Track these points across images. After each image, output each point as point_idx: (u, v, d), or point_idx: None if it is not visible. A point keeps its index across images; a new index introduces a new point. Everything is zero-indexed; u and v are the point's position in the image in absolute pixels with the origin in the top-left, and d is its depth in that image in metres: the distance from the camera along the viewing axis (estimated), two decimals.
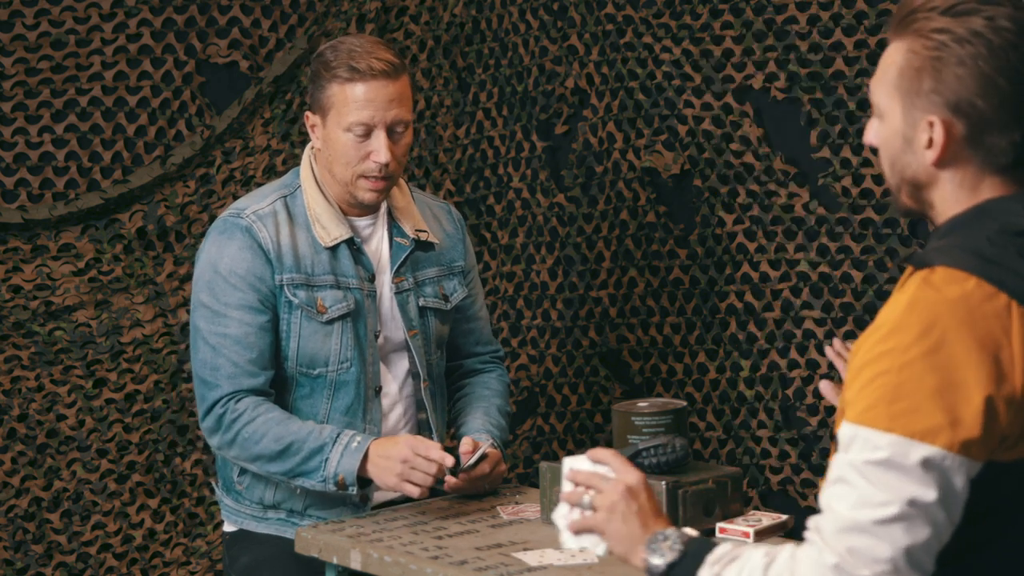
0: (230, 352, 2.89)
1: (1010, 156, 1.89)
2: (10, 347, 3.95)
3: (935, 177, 1.91)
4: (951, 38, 1.86)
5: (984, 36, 1.85)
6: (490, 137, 4.11)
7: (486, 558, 2.52)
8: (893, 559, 1.76)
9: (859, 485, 1.78)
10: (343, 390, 2.96)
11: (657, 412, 2.66)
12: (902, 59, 1.91)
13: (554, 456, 4.01)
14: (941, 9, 1.88)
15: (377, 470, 2.80)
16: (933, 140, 1.89)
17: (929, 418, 1.76)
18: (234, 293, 2.90)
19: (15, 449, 3.96)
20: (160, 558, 4.03)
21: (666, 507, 2.51)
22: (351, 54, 2.91)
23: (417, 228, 3.06)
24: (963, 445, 1.75)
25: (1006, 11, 1.86)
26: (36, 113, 4.00)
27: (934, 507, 1.76)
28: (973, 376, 1.77)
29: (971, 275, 1.81)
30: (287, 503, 2.98)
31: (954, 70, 1.86)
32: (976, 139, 1.88)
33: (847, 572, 1.77)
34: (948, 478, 1.76)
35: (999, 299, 1.80)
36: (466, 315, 3.21)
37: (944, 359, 1.77)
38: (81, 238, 3.98)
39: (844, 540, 1.78)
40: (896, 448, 1.76)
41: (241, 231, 2.93)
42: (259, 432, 2.87)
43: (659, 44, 3.80)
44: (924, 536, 1.76)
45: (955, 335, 1.78)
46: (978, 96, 1.86)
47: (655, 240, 3.85)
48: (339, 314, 2.94)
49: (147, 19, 4.04)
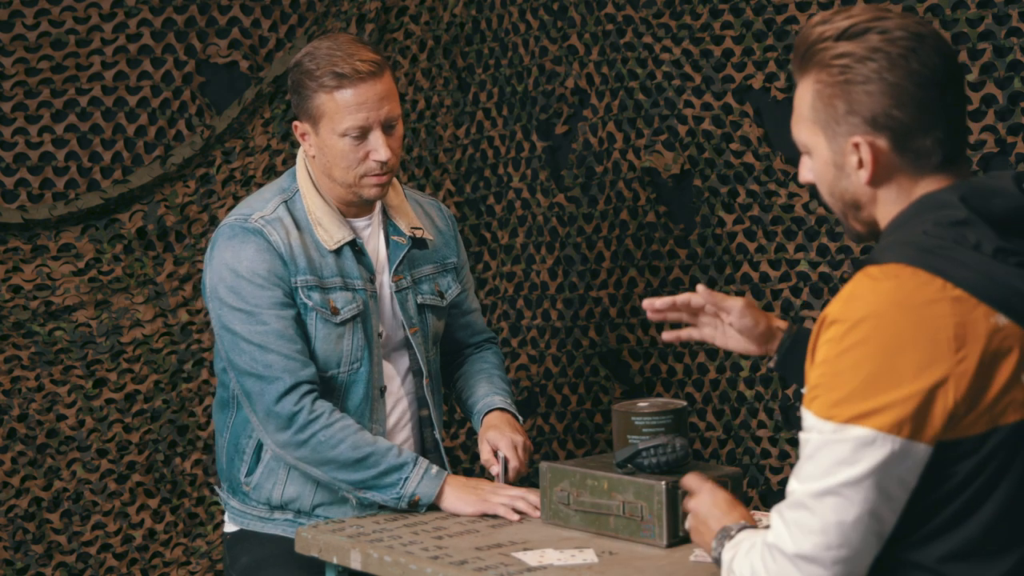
0: (278, 346, 2.88)
1: (939, 154, 1.95)
2: (10, 347, 3.95)
3: (873, 195, 1.99)
4: (853, 59, 1.93)
5: (882, 50, 1.93)
6: (490, 137, 4.10)
7: (486, 558, 2.52)
8: (824, 531, 1.87)
9: (804, 465, 1.90)
10: (352, 391, 2.96)
11: (657, 412, 2.66)
12: (812, 93, 1.98)
13: (554, 456, 4.01)
14: (835, 36, 1.95)
15: (456, 493, 2.86)
16: (862, 160, 1.96)
17: (861, 404, 1.84)
18: (262, 293, 2.89)
19: (15, 449, 3.96)
20: (160, 558, 4.03)
21: (665, 507, 2.51)
22: (332, 60, 2.88)
23: (412, 226, 3.06)
24: (897, 425, 1.84)
25: (896, 22, 1.94)
26: (36, 113, 4.00)
27: (867, 485, 1.84)
28: (907, 360, 1.84)
29: (908, 265, 1.88)
30: (295, 503, 2.98)
31: (863, 88, 1.93)
32: (902, 147, 1.95)
33: (783, 547, 1.91)
34: (884, 458, 1.84)
35: (935, 283, 1.87)
36: (461, 309, 3.22)
37: (878, 346, 1.85)
38: (81, 238, 3.98)
39: (787, 514, 1.92)
40: (835, 433, 1.86)
41: (254, 234, 2.92)
42: (336, 438, 2.86)
43: (659, 44, 3.80)
44: (854, 514, 1.86)
45: (889, 322, 1.85)
46: (893, 107, 1.93)
47: (655, 240, 3.85)
48: (350, 315, 2.94)
49: (147, 19, 4.04)
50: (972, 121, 3.34)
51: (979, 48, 3.32)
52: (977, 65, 3.32)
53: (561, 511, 2.67)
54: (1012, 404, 1.87)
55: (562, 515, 2.67)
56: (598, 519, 2.61)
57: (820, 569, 1.89)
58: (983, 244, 1.88)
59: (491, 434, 3.00)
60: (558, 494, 2.67)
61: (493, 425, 3.03)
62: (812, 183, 2.05)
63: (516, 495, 2.81)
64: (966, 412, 1.85)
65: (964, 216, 1.90)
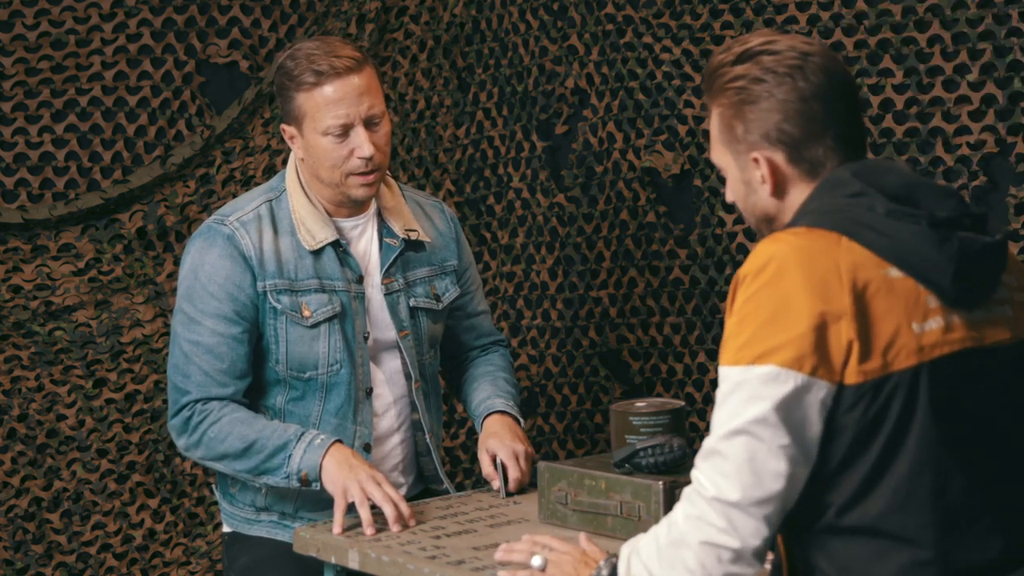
0: (201, 360, 2.90)
1: (833, 160, 2.09)
2: (10, 347, 3.95)
3: (779, 206, 2.12)
4: (747, 81, 2.09)
5: (771, 69, 2.08)
6: (490, 137, 4.10)
7: (483, 558, 2.52)
8: (738, 472, 1.95)
9: (716, 414, 2.00)
10: (334, 392, 2.96)
11: (655, 412, 2.66)
12: (717, 117, 2.14)
13: (554, 456, 4.01)
14: (731, 61, 2.11)
15: (334, 465, 2.79)
16: (763, 174, 2.10)
17: (763, 343, 1.95)
18: (211, 301, 2.90)
19: (15, 449, 3.96)
20: (160, 558, 4.03)
21: (663, 507, 2.51)
22: (311, 58, 2.88)
23: (407, 227, 3.04)
24: (798, 360, 1.94)
25: (786, 43, 2.10)
26: (36, 113, 4.00)
27: (774, 421, 1.94)
28: (803, 299, 1.95)
29: (808, 227, 2.02)
30: (278, 506, 2.98)
31: (756, 107, 2.08)
32: (796, 158, 2.09)
33: (701, 492, 1.99)
34: (788, 393, 1.94)
35: (831, 236, 2.00)
36: (466, 312, 3.20)
37: (776, 289, 1.97)
38: (81, 238, 3.98)
39: (701, 464, 2.01)
40: (741, 374, 1.96)
41: (223, 239, 2.92)
42: (224, 431, 2.88)
43: (659, 44, 3.79)
44: (765, 450, 1.94)
45: (787, 266, 1.97)
46: (783, 122, 2.07)
47: (655, 240, 3.85)
48: (324, 317, 2.93)
49: (147, 19, 4.04)
50: (972, 121, 3.34)
51: (979, 48, 3.32)
52: (977, 65, 3.32)
53: (559, 511, 2.67)
54: (903, 351, 1.96)
55: (560, 515, 2.67)
56: (596, 519, 2.61)
57: (738, 512, 1.96)
58: (876, 207, 2.00)
59: (491, 442, 2.96)
60: (556, 494, 2.67)
61: (493, 432, 2.99)
62: (732, 202, 2.19)
63: (388, 497, 2.73)
64: (862, 354, 1.95)
65: (859, 188, 2.02)
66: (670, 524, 2.04)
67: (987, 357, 2.03)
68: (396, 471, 3.07)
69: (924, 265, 1.98)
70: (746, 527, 1.96)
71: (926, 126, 3.39)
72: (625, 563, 2.11)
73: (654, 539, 2.06)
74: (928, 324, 1.99)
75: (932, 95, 3.38)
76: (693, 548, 1.99)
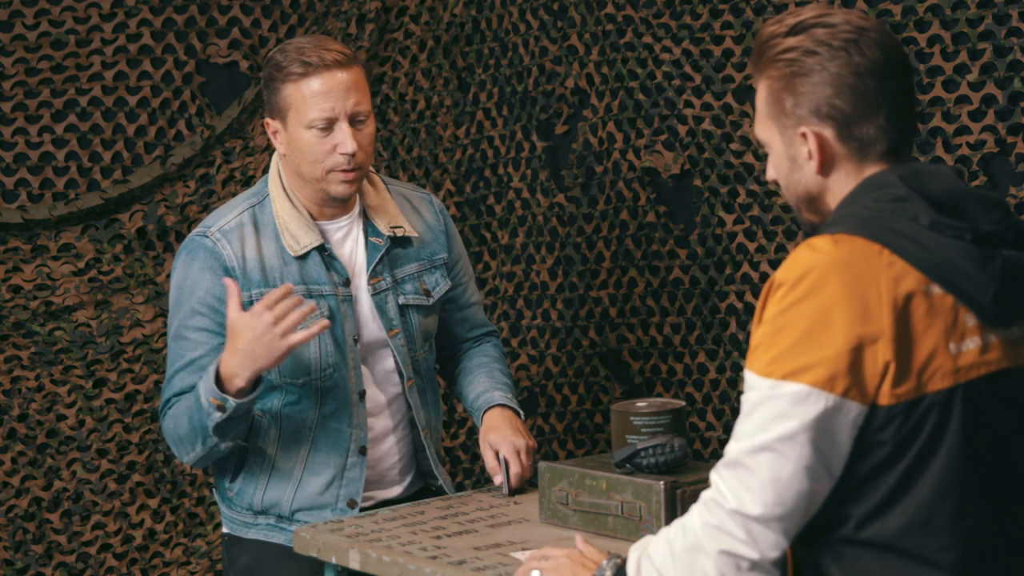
0: (184, 372, 2.92)
1: (884, 142, 2.03)
2: (10, 347, 3.95)
3: (823, 185, 2.07)
4: (799, 53, 2.03)
5: (825, 42, 2.02)
6: (490, 137, 4.10)
7: (484, 558, 2.52)
8: (761, 488, 1.92)
9: (742, 423, 1.96)
10: (330, 396, 2.95)
11: (655, 412, 2.66)
12: (765, 89, 2.08)
13: (554, 456, 4.01)
14: (784, 33, 2.05)
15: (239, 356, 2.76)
16: (811, 150, 2.04)
17: (796, 360, 1.91)
18: (193, 315, 2.91)
19: (15, 449, 3.96)
20: (160, 558, 4.03)
21: (664, 507, 2.51)
22: (300, 51, 2.88)
23: (392, 224, 3.03)
24: (830, 381, 1.89)
25: (841, 17, 2.04)
26: (36, 113, 4.00)
27: (801, 441, 1.90)
28: (841, 317, 1.90)
29: (847, 234, 1.96)
30: (275, 508, 2.98)
31: (807, 80, 2.03)
32: (846, 136, 2.03)
33: (722, 502, 1.95)
34: (818, 414, 1.89)
35: (872, 248, 1.94)
36: (458, 304, 3.19)
37: (814, 304, 1.92)
38: (81, 238, 3.98)
39: (724, 472, 1.97)
40: (771, 389, 1.92)
41: (204, 251, 2.92)
42: (176, 420, 2.90)
43: (659, 44, 3.79)
44: (789, 470, 1.91)
45: (826, 280, 1.92)
46: (835, 96, 2.01)
47: (655, 240, 3.85)
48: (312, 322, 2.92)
49: (147, 19, 4.04)
50: (972, 121, 3.34)
51: (979, 48, 3.32)
52: (977, 65, 3.32)
53: (560, 511, 2.67)
54: (939, 372, 1.93)
55: (561, 515, 2.67)
56: (596, 519, 2.61)
57: (759, 526, 1.93)
58: (920, 217, 1.95)
59: (492, 437, 2.96)
60: (556, 494, 2.67)
61: (494, 427, 2.99)
62: (773, 179, 2.13)
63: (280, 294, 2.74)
64: (897, 376, 1.91)
65: (903, 193, 1.97)
66: (684, 529, 2.01)
67: (1021, 378, 1.99)
68: (394, 471, 3.07)
69: (966, 283, 1.93)
70: (766, 540, 1.94)
71: (926, 126, 3.39)
72: (635, 566, 2.08)
73: (667, 543, 2.03)
74: (965, 344, 1.95)
75: (932, 95, 3.38)
76: (711, 556, 1.96)
